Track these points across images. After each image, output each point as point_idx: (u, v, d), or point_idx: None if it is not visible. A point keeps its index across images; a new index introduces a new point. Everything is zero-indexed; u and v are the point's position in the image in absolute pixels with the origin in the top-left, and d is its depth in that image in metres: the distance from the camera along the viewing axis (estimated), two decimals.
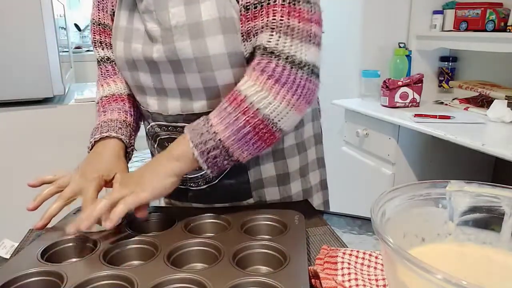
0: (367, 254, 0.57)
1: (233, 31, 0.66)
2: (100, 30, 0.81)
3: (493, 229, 0.47)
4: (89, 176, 0.68)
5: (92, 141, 0.74)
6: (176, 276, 0.51)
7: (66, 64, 1.85)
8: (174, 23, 0.66)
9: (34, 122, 1.55)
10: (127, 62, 0.74)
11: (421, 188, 0.48)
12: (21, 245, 0.67)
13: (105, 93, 0.82)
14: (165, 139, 0.77)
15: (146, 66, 0.72)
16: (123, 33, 0.74)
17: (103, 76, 0.84)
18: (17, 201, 1.36)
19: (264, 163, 0.78)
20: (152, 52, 0.69)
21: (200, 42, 0.65)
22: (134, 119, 0.81)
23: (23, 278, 0.52)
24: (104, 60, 0.83)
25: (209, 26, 0.65)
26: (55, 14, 1.51)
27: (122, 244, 0.60)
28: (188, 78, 0.69)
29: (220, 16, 0.65)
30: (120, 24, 0.75)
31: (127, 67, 0.75)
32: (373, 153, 1.88)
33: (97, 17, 0.81)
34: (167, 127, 0.76)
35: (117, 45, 0.75)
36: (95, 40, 0.82)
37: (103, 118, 0.77)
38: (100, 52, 0.83)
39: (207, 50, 0.66)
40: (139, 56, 0.72)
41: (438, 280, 0.32)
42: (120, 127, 0.75)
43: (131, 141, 0.77)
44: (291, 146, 0.81)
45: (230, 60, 0.67)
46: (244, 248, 0.58)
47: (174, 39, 0.67)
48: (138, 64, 0.73)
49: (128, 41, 0.73)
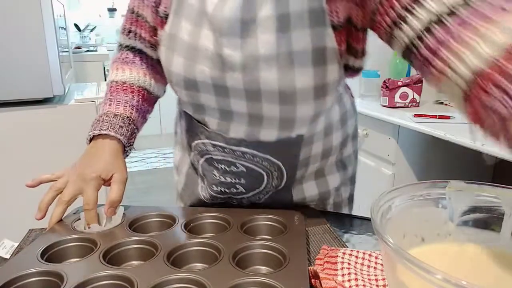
0: (367, 254, 0.57)
1: (323, 63, 0.61)
2: (132, 19, 0.77)
3: (493, 229, 0.47)
4: (87, 176, 0.68)
5: (90, 134, 0.73)
6: (176, 276, 0.51)
7: (66, 64, 1.85)
8: (263, 52, 0.59)
9: (34, 122, 1.55)
10: (187, 81, 0.67)
11: (421, 188, 0.48)
12: (21, 245, 0.67)
13: (118, 77, 0.79)
14: (217, 160, 0.73)
15: (212, 89, 0.65)
16: (185, 49, 0.65)
17: (120, 61, 0.81)
18: (17, 201, 1.37)
19: (307, 181, 0.78)
20: (225, 78, 0.63)
21: (288, 74, 0.60)
22: (140, 113, 0.79)
23: (23, 278, 0.52)
24: (128, 48, 0.80)
25: (300, 57, 0.59)
26: (55, 14, 1.51)
27: (122, 244, 0.60)
28: (265, 107, 0.64)
29: (313, 47, 0.59)
30: (180, 36, 0.66)
31: (184, 85, 0.68)
32: (373, 153, 1.88)
33: (132, 4, 0.76)
34: (224, 149, 0.71)
35: (174, 60, 0.67)
36: (125, 27, 0.78)
37: (107, 109, 0.75)
38: (126, 40, 0.79)
39: (294, 83, 0.61)
40: (205, 79, 0.65)
41: (438, 280, 0.32)
42: (122, 125, 0.73)
43: (130, 141, 0.76)
44: (331, 164, 0.80)
45: (314, 93, 0.63)
46: (244, 248, 0.58)
47: (259, 68, 0.60)
48: (201, 85, 0.66)
49: (192, 60, 0.65)
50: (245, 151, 0.70)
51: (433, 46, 0.45)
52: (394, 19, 0.49)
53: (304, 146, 0.72)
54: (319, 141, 0.74)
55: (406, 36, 0.48)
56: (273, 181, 0.74)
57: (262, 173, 0.72)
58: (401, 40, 0.49)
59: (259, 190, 0.75)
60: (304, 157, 0.73)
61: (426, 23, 0.45)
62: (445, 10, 0.44)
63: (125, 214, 0.69)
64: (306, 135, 0.70)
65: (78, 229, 0.65)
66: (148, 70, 0.81)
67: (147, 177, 3.31)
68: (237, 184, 0.75)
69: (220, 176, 0.75)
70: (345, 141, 0.81)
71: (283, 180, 0.74)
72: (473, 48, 0.41)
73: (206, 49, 0.63)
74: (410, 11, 0.46)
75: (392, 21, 0.49)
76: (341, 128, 0.78)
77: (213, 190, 0.78)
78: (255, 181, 0.74)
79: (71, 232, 0.64)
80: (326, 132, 0.75)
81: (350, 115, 0.81)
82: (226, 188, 0.76)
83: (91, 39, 4.18)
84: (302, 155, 0.73)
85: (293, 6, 0.57)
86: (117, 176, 0.70)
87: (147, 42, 0.78)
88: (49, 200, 0.68)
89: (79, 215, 0.68)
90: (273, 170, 0.72)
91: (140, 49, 0.80)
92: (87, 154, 0.73)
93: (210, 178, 0.77)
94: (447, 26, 0.43)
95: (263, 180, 0.74)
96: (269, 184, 0.74)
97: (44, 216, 0.67)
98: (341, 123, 0.78)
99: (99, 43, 4.15)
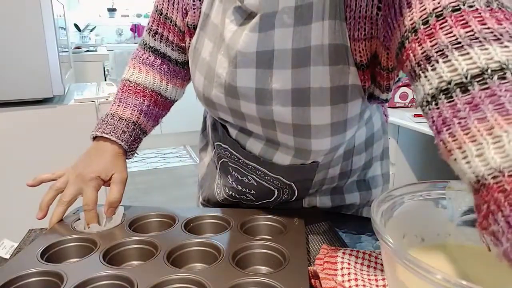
0: (367, 254, 0.57)
1: (343, 100, 0.57)
2: (159, 21, 0.73)
3: None
4: (86, 177, 0.68)
5: (93, 134, 0.73)
6: (176, 276, 0.51)
7: (66, 64, 1.85)
8: (277, 87, 0.58)
9: (34, 122, 1.55)
10: (205, 99, 0.66)
11: (421, 188, 0.48)
12: (21, 245, 0.67)
13: (133, 77, 0.77)
14: (232, 167, 0.73)
15: (228, 111, 0.65)
16: (205, 68, 0.64)
17: (140, 60, 0.78)
18: (17, 201, 1.37)
19: (321, 195, 0.76)
20: (239, 106, 0.62)
21: (304, 111, 0.58)
22: (149, 117, 0.77)
23: (23, 278, 0.52)
24: (152, 49, 0.77)
25: (317, 95, 0.56)
26: (54, 14, 1.51)
27: (122, 244, 0.60)
28: (280, 136, 0.63)
29: (332, 86, 0.56)
30: (202, 54, 0.65)
31: (204, 102, 0.67)
32: None
33: (160, 6, 0.72)
34: (239, 160, 0.71)
35: (196, 76, 0.67)
36: (151, 29, 0.75)
37: (115, 110, 0.74)
38: (151, 41, 0.76)
39: (309, 119, 0.58)
40: (220, 103, 0.64)
41: (438, 280, 0.32)
42: (125, 130, 0.72)
43: (132, 146, 0.75)
44: (352, 183, 0.76)
45: (332, 130, 0.60)
46: (244, 248, 0.58)
47: (273, 103, 0.59)
48: (218, 106, 0.65)
49: (209, 82, 0.63)
50: (257, 168, 0.70)
51: (437, 122, 0.38)
52: (417, 65, 0.42)
53: (319, 171, 0.70)
54: (337, 165, 0.71)
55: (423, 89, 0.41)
56: (283, 196, 0.73)
57: (273, 189, 0.72)
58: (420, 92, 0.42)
59: (268, 201, 0.75)
60: (318, 179, 0.72)
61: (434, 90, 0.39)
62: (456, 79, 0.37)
63: (125, 214, 0.69)
64: (322, 162, 0.68)
65: (78, 229, 0.65)
66: (166, 75, 0.79)
67: (147, 177, 3.31)
68: (247, 194, 0.75)
69: (232, 182, 0.75)
70: (369, 162, 0.77)
71: (294, 196, 0.73)
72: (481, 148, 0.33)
73: (220, 77, 0.61)
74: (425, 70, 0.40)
75: (415, 65, 0.42)
76: (365, 151, 0.74)
77: (225, 192, 0.78)
78: (265, 195, 0.74)
79: (71, 232, 0.64)
80: (346, 157, 0.71)
81: (378, 136, 0.76)
82: (237, 194, 0.76)
83: (91, 39, 4.18)
84: (316, 178, 0.71)
85: (314, 41, 0.54)
86: (117, 176, 0.70)
87: (175, 46, 0.75)
88: (49, 200, 0.68)
89: (79, 215, 0.68)
90: (284, 188, 0.72)
91: (164, 53, 0.77)
92: (87, 154, 0.73)
93: (225, 181, 0.77)
94: (454, 101, 0.36)
95: (273, 195, 0.73)
96: (279, 198, 0.74)
97: (45, 216, 0.67)
98: (365, 146, 0.74)
99: (99, 43, 4.15)
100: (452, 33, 0.38)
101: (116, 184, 0.70)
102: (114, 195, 0.68)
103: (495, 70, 0.35)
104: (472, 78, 0.36)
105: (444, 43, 0.39)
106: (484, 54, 0.36)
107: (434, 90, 0.38)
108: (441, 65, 0.38)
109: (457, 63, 0.37)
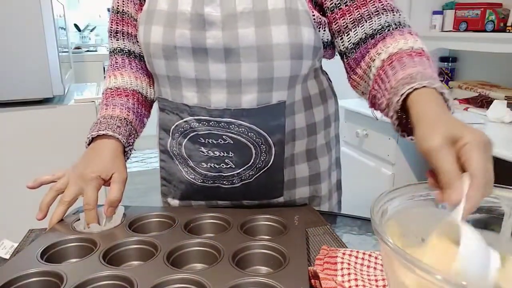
0: (367, 255, 0.57)
1: (297, 22, 0.67)
2: (117, 19, 0.80)
3: (493, 229, 0.47)
4: (87, 177, 0.68)
5: (89, 137, 0.73)
6: (176, 277, 0.51)
7: (66, 64, 1.85)
8: (241, 9, 0.66)
9: (34, 122, 1.55)
10: (165, 49, 0.70)
11: (421, 188, 0.48)
12: (21, 245, 0.67)
13: (111, 85, 0.81)
14: (202, 135, 0.73)
15: (190, 54, 0.69)
16: (163, 17, 0.70)
17: (111, 68, 0.83)
18: (17, 201, 1.37)
19: (299, 163, 0.79)
20: (204, 38, 0.67)
21: (265, 30, 0.66)
22: (137, 116, 0.80)
23: (23, 278, 0.52)
24: (116, 52, 0.82)
25: (275, 15, 0.66)
26: (54, 14, 1.51)
27: (122, 244, 0.60)
28: (244, 68, 0.68)
29: (286, 7, 0.66)
30: (158, 8, 0.70)
31: (163, 55, 0.71)
32: (372, 153, 1.88)
33: (116, 4, 0.79)
34: (209, 122, 0.72)
35: (152, 31, 0.71)
36: (111, 30, 0.81)
37: (104, 113, 0.77)
38: (114, 42, 0.82)
39: (271, 38, 0.66)
40: (184, 43, 0.68)
41: (438, 280, 0.32)
42: (119, 125, 0.74)
43: (129, 141, 0.76)
44: (322, 146, 0.82)
45: (291, 52, 0.67)
46: (243, 249, 0.58)
47: (238, 25, 0.66)
48: (180, 51, 0.69)
49: (171, 26, 0.69)
50: (230, 122, 0.70)
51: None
52: (342, 26, 0.69)
53: (287, 115, 0.73)
54: (300, 112, 0.76)
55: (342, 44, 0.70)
56: (261, 155, 0.74)
57: (249, 145, 0.72)
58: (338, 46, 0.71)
59: (248, 165, 0.74)
60: (289, 129, 0.75)
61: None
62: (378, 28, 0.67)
63: (125, 214, 0.69)
64: (286, 102, 0.72)
65: (78, 229, 0.65)
66: (139, 73, 0.83)
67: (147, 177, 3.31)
68: (226, 159, 0.74)
69: (208, 151, 0.74)
70: (328, 120, 0.83)
71: (272, 154, 0.74)
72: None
73: (185, 12, 0.68)
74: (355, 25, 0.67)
75: (340, 27, 0.69)
76: (322, 105, 0.81)
77: (202, 167, 0.76)
78: (244, 155, 0.73)
79: (71, 232, 0.64)
80: (306, 103, 0.77)
81: (329, 95, 0.84)
82: (216, 164, 0.75)
83: (91, 39, 4.18)
84: (287, 127, 0.74)
85: None
86: (117, 176, 0.70)
87: (135, 38, 0.80)
88: (49, 200, 0.68)
89: (79, 215, 0.68)
90: (260, 143, 0.72)
91: (129, 50, 0.82)
92: (87, 154, 0.73)
93: (197, 157, 0.75)
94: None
95: (252, 156, 0.73)
96: (258, 159, 0.74)
97: (45, 216, 0.67)
98: (321, 100, 0.80)
99: (99, 43, 4.15)
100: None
101: (117, 183, 0.70)
102: (115, 194, 0.68)
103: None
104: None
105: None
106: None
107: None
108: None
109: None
